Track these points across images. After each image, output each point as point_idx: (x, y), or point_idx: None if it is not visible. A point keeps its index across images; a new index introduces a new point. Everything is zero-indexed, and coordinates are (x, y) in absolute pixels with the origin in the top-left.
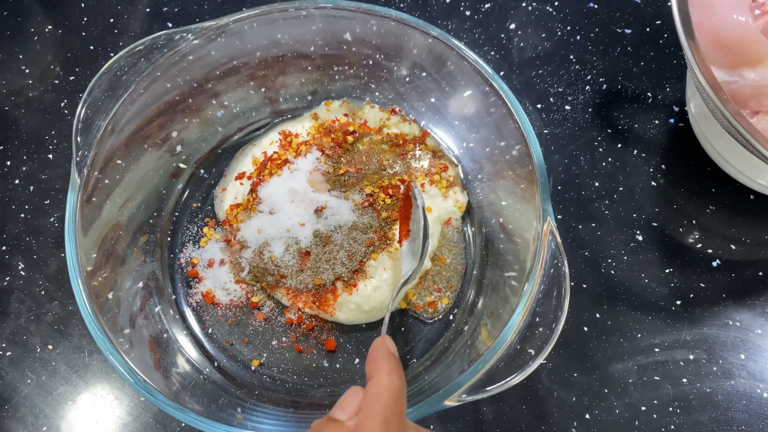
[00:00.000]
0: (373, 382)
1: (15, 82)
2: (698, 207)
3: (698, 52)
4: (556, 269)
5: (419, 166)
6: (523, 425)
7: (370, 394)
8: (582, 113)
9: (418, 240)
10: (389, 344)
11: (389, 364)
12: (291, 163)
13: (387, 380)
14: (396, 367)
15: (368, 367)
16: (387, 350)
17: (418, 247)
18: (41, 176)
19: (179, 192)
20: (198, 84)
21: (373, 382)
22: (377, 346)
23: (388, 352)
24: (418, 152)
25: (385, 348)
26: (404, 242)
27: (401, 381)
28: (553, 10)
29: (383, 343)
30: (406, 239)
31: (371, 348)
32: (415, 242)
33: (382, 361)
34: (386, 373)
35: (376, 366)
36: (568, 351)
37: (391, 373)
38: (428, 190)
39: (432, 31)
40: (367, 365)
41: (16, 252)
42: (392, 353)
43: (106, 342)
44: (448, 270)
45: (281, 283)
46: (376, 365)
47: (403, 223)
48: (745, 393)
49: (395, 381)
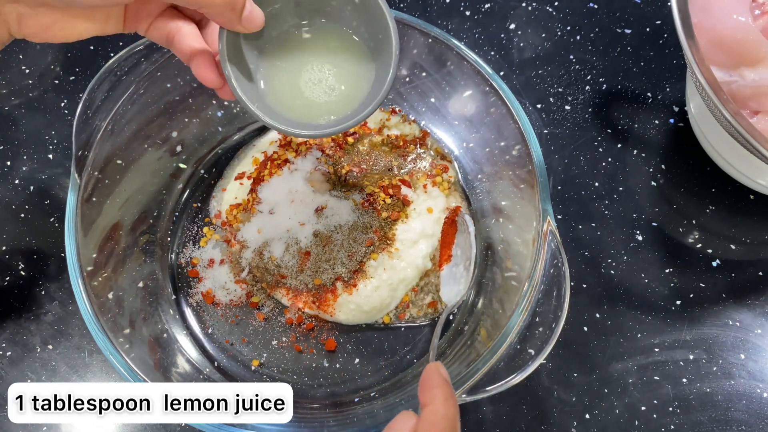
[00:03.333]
0: (428, 409)
1: (15, 82)
2: (698, 207)
3: (698, 52)
4: (556, 269)
5: (420, 166)
6: (523, 425)
7: (426, 421)
8: (582, 113)
9: (460, 267)
10: (442, 371)
11: (444, 391)
12: (291, 163)
13: (443, 409)
14: (451, 395)
15: (422, 394)
16: (441, 377)
17: (460, 274)
18: (41, 176)
19: (179, 192)
20: (198, 84)
21: (428, 409)
22: (431, 372)
23: (443, 379)
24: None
25: (439, 375)
26: (445, 267)
27: (456, 410)
28: (553, 10)
29: (437, 369)
30: (447, 264)
31: (424, 373)
32: (457, 268)
33: (437, 388)
34: (443, 400)
35: (432, 393)
36: (568, 351)
37: (448, 401)
38: (430, 191)
39: (432, 31)
40: (420, 391)
41: (16, 252)
42: (447, 380)
43: (106, 342)
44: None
45: (281, 283)
46: (431, 392)
47: (445, 247)
48: (745, 393)
49: (451, 410)
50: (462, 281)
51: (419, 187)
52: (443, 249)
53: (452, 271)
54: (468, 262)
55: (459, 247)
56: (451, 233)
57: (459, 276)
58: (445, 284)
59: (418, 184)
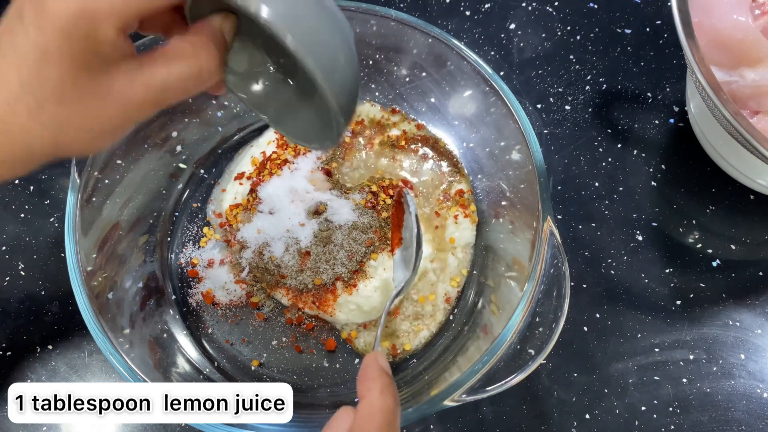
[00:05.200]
0: (364, 402)
1: None
2: (698, 207)
3: (698, 52)
4: (556, 269)
5: (420, 167)
6: (523, 425)
7: (361, 415)
8: (582, 113)
9: (411, 249)
10: (381, 361)
11: (382, 382)
12: (291, 162)
13: (379, 401)
14: (389, 385)
15: (359, 386)
16: (379, 367)
17: (410, 257)
18: (41, 176)
19: (179, 192)
20: None
21: (364, 402)
22: (369, 363)
23: (381, 369)
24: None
25: (377, 365)
26: (396, 251)
27: (394, 401)
28: (553, 10)
29: (375, 359)
30: (399, 247)
31: (363, 365)
32: (407, 251)
33: (374, 379)
34: (378, 392)
35: (368, 385)
36: (568, 351)
37: (384, 393)
38: (461, 222)
39: (432, 31)
40: (358, 383)
41: (16, 252)
42: (385, 371)
43: (106, 342)
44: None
45: (281, 283)
46: (367, 383)
47: (395, 230)
48: (745, 393)
49: (388, 401)
50: (410, 264)
51: (450, 217)
52: (394, 232)
53: (403, 254)
54: (413, 244)
55: (407, 230)
56: (399, 215)
57: (408, 259)
58: (397, 268)
59: (449, 214)
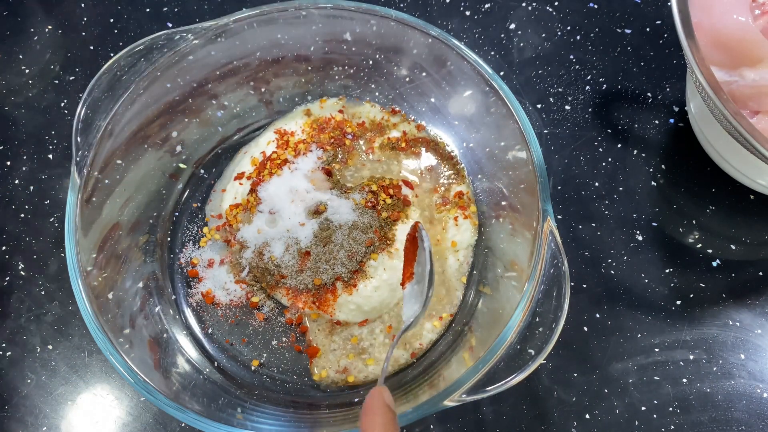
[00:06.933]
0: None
1: (15, 82)
2: (698, 207)
3: (698, 52)
4: (556, 269)
5: (420, 169)
6: (523, 425)
7: None
8: (582, 113)
9: (422, 284)
10: (386, 396)
11: (384, 418)
12: (291, 162)
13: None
14: (391, 421)
15: (362, 420)
16: (383, 402)
17: (421, 291)
18: (41, 176)
19: (179, 192)
20: (198, 84)
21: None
22: (373, 397)
23: (384, 404)
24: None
25: (380, 399)
26: (407, 285)
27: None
28: (553, 10)
29: (380, 394)
30: (410, 282)
31: (367, 398)
32: (418, 285)
33: (377, 415)
34: (381, 428)
35: (371, 419)
36: (568, 351)
37: (386, 428)
38: (461, 224)
39: (432, 31)
40: (361, 417)
41: (16, 252)
42: (389, 406)
43: (106, 342)
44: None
45: (281, 283)
46: (371, 418)
47: (408, 265)
48: (745, 393)
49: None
50: (420, 299)
51: (450, 220)
52: (406, 267)
53: (413, 289)
54: (425, 280)
55: (419, 264)
56: (412, 250)
57: (418, 294)
58: (407, 302)
59: (449, 216)
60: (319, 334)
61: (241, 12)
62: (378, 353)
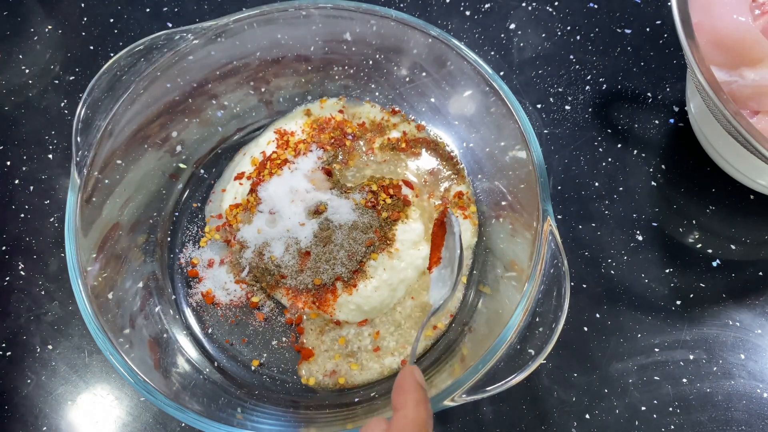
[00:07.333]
0: (399, 414)
1: (15, 82)
2: (698, 207)
3: (698, 52)
4: (556, 269)
5: (420, 169)
6: (523, 425)
7: (396, 426)
8: (582, 113)
9: (450, 268)
10: (417, 375)
11: (416, 396)
12: (291, 162)
13: (414, 413)
14: (423, 399)
15: (394, 398)
16: (415, 381)
17: (448, 276)
18: (41, 176)
19: (179, 192)
20: (198, 84)
21: (399, 414)
22: (405, 376)
23: (416, 382)
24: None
25: (413, 378)
26: (434, 269)
27: (428, 414)
28: (553, 10)
29: (411, 373)
30: (437, 266)
31: (398, 377)
32: (446, 270)
33: (409, 392)
34: (413, 405)
35: (404, 397)
36: (568, 351)
37: (419, 406)
38: (462, 224)
39: (432, 31)
40: (393, 395)
41: (16, 252)
42: (420, 384)
43: (106, 342)
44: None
45: (281, 283)
46: (403, 396)
47: (435, 249)
48: (745, 393)
49: (422, 414)
50: (448, 283)
51: (453, 214)
52: (433, 251)
53: (441, 273)
54: (454, 264)
55: (447, 249)
56: (440, 235)
57: (446, 278)
58: (434, 286)
59: (452, 211)
60: (311, 334)
61: (241, 12)
62: (365, 360)
